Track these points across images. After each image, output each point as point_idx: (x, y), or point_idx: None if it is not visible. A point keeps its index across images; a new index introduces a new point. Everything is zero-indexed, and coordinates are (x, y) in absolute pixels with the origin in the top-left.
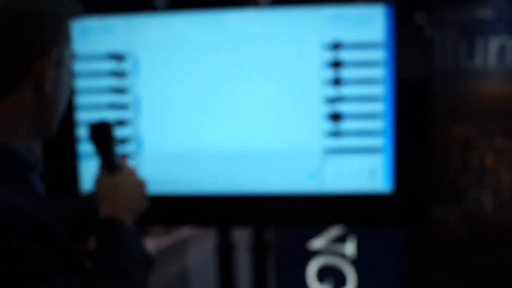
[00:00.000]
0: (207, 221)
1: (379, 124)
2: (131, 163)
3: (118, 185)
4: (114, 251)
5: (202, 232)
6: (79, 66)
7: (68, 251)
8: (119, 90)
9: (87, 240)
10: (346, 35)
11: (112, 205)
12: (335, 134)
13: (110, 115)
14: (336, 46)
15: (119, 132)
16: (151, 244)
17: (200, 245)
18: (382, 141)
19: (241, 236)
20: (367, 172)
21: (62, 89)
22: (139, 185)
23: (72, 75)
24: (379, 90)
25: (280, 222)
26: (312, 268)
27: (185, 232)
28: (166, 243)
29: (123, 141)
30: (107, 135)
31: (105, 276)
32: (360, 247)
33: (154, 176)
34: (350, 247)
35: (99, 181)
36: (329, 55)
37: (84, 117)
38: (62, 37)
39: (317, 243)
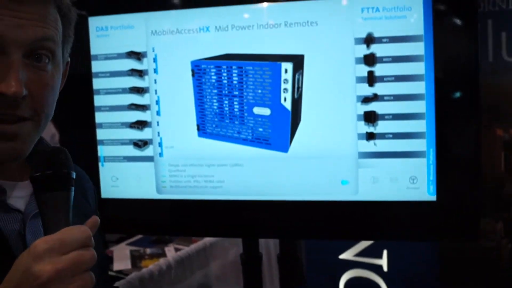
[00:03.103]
0: (232, 232)
1: (420, 126)
2: (66, 236)
3: (16, 262)
4: None
5: (226, 239)
6: (97, 66)
7: None
8: (138, 90)
9: None
10: (381, 29)
11: None
12: (371, 136)
13: (129, 117)
14: (370, 40)
15: (139, 134)
16: (173, 252)
17: (224, 253)
18: (424, 144)
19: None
20: (406, 178)
21: None
22: (32, 277)
23: None
24: (419, 87)
25: (311, 233)
26: (343, 280)
27: (208, 239)
28: (187, 251)
29: (145, 143)
30: (47, 173)
31: None
32: (393, 259)
33: (174, 181)
34: (382, 259)
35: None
36: (363, 51)
37: (104, 119)
38: None
39: (348, 254)
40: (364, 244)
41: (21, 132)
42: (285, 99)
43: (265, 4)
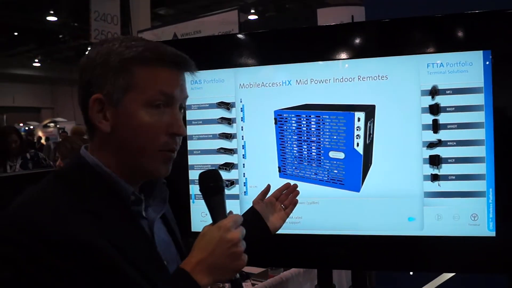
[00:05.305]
0: (308, 263)
1: (480, 168)
2: (236, 218)
3: (205, 236)
4: None
5: (300, 275)
6: (191, 114)
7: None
8: (227, 136)
9: None
10: (445, 82)
11: (193, 255)
12: (436, 178)
13: (218, 159)
14: (435, 92)
15: (226, 175)
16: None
17: (299, 287)
18: (484, 185)
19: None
20: (468, 216)
21: (127, 130)
22: (227, 241)
23: (142, 123)
24: (479, 134)
25: (380, 265)
26: None
27: (284, 274)
28: (265, 284)
29: (231, 183)
30: (211, 185)
31: None
32: None
33: None
34: None
35: (203, 228)
36: (428, 101)
37: (196, 161)
38: (108, 82)
39: None
40: (435, 283)
41: (173, 158)
42: (357, 144)
43: (341, 61)
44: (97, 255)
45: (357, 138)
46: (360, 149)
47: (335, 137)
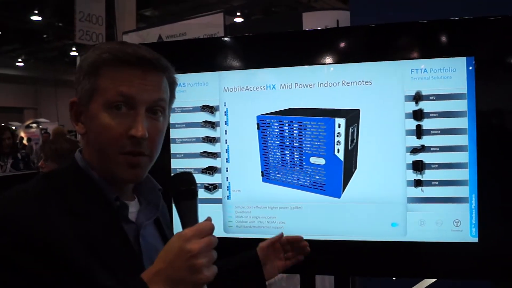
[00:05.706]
0: (291, 268)
1: (463, 174)
2: (201, 227)
3: (167, 245)
4: None
5: (283, 279)
6: (174, 117)
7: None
8: (211, 140)
9: None
10: (428, 88)
11: (153, 265)
12: (419, 183)
13: (201, 163)
14: (418, 98)
15: (209, 179)
16: None
17: None
18: (467, 191)
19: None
20: (451, 221)
21: (93, 132)
22: (186, 252)
23: (102, 125)
24: (462, 140)
25: (363, 271)
26: None
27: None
28: None
29: (214, 186)
30: (182, 189)
31: None
32: None
33: (240, 221)
34: None
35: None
36: (412, 107)
37: (178, 165)
38: (80, 86)
39: None
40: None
41: (141, 163)
42: (338, 151)
43: (325, 65)
44: (66, 256)
45: (337, 144)
46: (340, 155)
47: (316, 143)
